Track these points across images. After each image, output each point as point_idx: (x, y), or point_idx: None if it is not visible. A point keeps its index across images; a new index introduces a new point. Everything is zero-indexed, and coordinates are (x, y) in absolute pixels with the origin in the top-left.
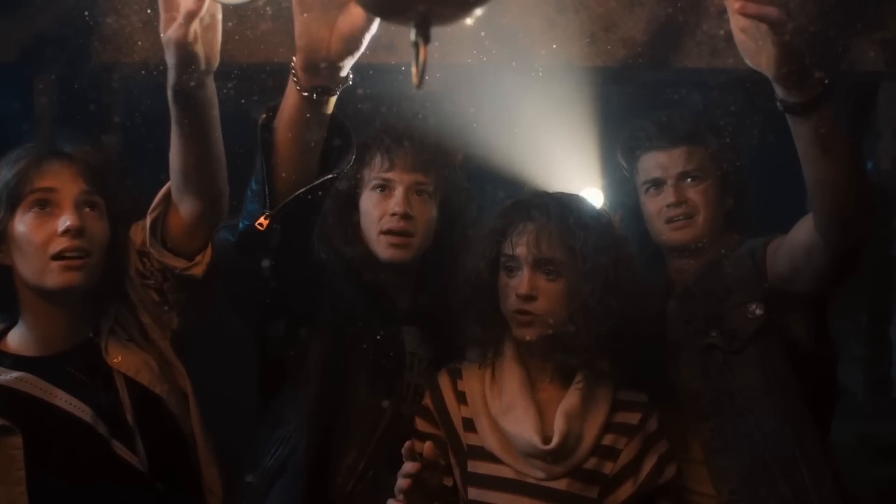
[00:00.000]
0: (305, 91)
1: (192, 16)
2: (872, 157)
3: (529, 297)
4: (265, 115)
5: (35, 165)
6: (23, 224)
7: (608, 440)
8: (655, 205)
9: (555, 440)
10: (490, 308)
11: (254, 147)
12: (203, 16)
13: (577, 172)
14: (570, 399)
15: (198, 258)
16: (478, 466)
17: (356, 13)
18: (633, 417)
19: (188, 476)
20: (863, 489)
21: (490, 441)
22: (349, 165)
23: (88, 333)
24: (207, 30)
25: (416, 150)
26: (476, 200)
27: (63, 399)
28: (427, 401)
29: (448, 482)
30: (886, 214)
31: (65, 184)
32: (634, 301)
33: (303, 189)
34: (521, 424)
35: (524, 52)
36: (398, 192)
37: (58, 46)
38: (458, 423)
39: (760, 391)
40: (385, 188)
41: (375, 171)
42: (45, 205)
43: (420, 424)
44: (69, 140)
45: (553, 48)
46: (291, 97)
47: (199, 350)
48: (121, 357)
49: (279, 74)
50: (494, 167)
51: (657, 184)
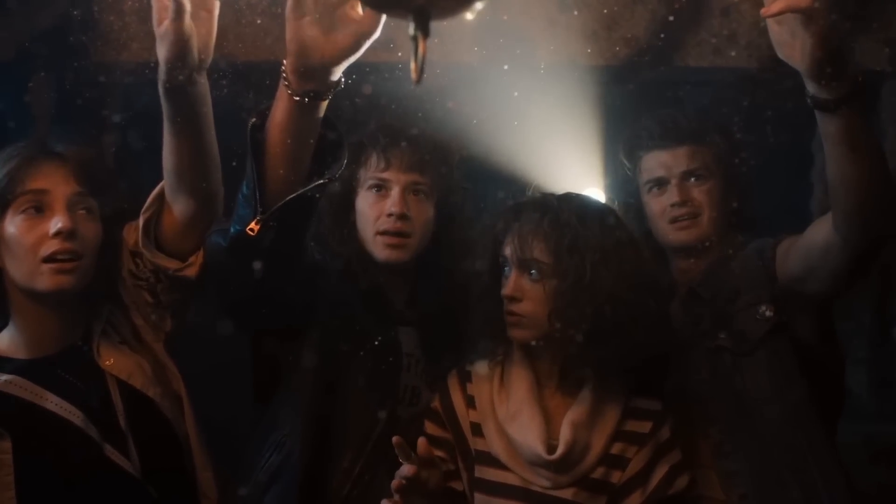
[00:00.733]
0: (297, 95)
1: (184, 9)
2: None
3: (513, 299)
4: (255, 119)
5: (26, 166)
6: (13, 226)
7: (617, 449)
8: (659, 204)
9: (559, 450)
10: (495, 309)
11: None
12: (197, 10)
13: (579, 172)
14: (579, 408)
15: (191, 259)
16: (484, 472)
17: (361, 20)
18: (644, 426)
19: (182, 480)
20: (866, 491)
21: (497, 447)
22: (341, 169)
23: (79, 336)
24: (202, 24)
25: (413, 150)
26: (474, 200)
27: (54, 402)
28: (436, 403)
29: (458, 486)
30: None
31: (57, 185)
32: (629, 304)
33: (294, 194)
34: (526, 432)
35: (525, 51)
36: (394, 193)
37: (54, 45)
38: (467, 428)
39: (770, 394)
40: (381, 188)
41: (371, 171)
42: (37, 206)
43: (429, 427)
44: (64, 139)
45: (554, 47)
46: (282, 101)
47: (193, 352)
48: (113, 359)
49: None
50: (495, 167)
51: (660, 183)
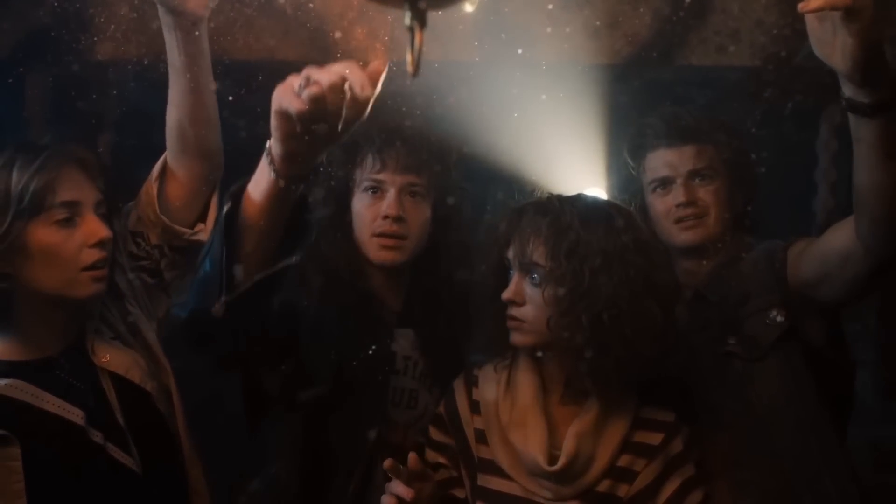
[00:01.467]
0: (282, 179)
1: None
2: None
3: (513, 302)
4: (229, 204)
5: (59, 176)
6: (46, 236)
7: (624, 461)
8: (664, 205)
9: (560, 462)
10: (500, 312)
11: (245, 147)
12: None
13: (580, 171)
14: (584, 417)
15: (199, 225)
16: (487, 481)
17: (352, 106)
18: (655, 438)
19: (176, 476)
20: (872, 495)
21: (500, 455)
22: (308, 244)
23: (74, 336)
24: None
25: (409, 151)
26: (474, 200)
27: (54, 404)
28: (441, 409)
29: (460, 494)
30: None
31: (85, 194)
32: (632, 313)
33: (262, 274)
34: (529, 441)
35: (526, 49)
36: (390, 194)
37: (50, 43)
38: (471, 435)
39: (782, 401)
40: (377, 190)
41: (367, 172)
42: (69, 217)
43: (433, 433)
44: (64, 138)
45: (556, 45)
46: (264, 183)
47: (182, 351)
48: (109, 356)
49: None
50: (495, 166)
51: (665, 183)
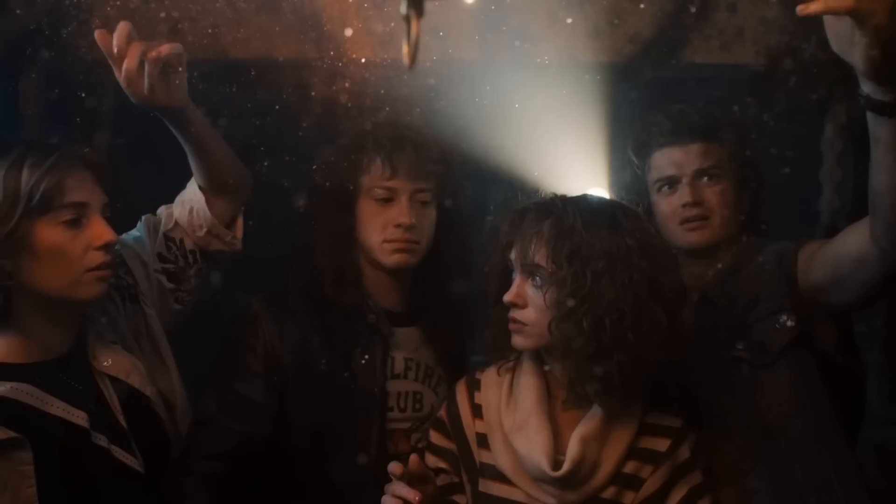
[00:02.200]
0: None
1: (131, 74)
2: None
3: (515, 305)
4: None
5: (69, 177)
6: (53, 236)
7: (630, 468)
8: (669, 205)
9: (565, 467)
10: (503, 314)
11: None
12: (157, 66)
13: (582, 171)
14: (590, 422)
15: (231, 236)
16: (489, 486)
17: None
18: (662, 444)
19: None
20: (878, 499)
21: (502, 460)
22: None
23: (74, 339)
24: (164, 78)
25: (419, 157)
26: (476, 199)
27: (59, 407)
28: (442, 412)
29: (461, 500)
30: None
31: (92, 196)
32: (634, 317)
33: None
34: (532, 445)
35: (527, 48)
36: (402, 202)
37: (45, 42)
38: (472, 439)
39: (792, 409)
40: (388, 198)
41: (377, 180)
42: (76, 218)
43: (434, 437)
44: (72, 138)
45: (557, 43)
46: None
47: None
48: (110, 360)
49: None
50: (497, 166)
51: (671, 182)
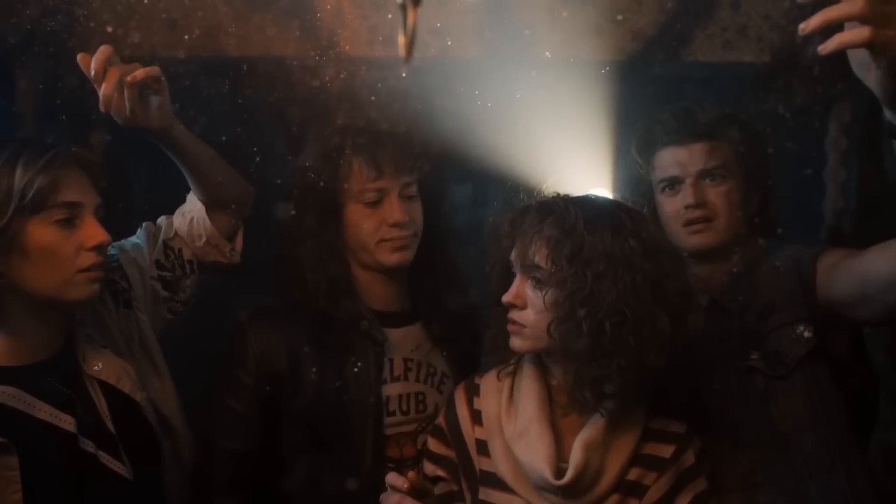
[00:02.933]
0: None
1: (108, 98)
2: (890, 159)
3: (513, 306)
4: None
5: (63, 176)
6: (45, 235)
7: (634, 475)
8: (672, 206)
9: (568, 475)
10: (503, 315)
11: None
12: (135, 90)
13: (585, 170)
14: (592, 427)
15: (230, 248)
16: (489, 495)
17: None
18: (666, 450)
19: (160, 487)
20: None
21: (502, 468)
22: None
23: (62, 342)
24: (144, 100)
25: (402, 151)
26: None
27: (46, 411)
28: (441, 419)
29: None
30: None
31: (86, 196)
32: (635, 320)
33: None
34: (534, 453)
35: (528, 46)
36: (392, 200)
37: (41, 40)
38: (472, 446)
39: (807, 422)
40: (377, 201)
41: (363, 183)
42: (69, 218)
43: (433, 444)
44: (67, 137)
45: (558, 41)
46: None
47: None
48: (101, 364)
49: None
50: (498, 165)
51: (674, 182)
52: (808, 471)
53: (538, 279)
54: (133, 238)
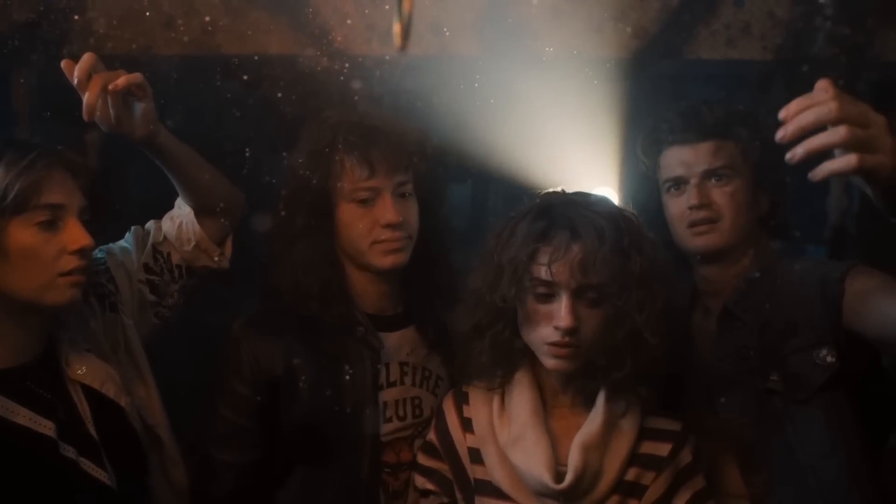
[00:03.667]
0: None
1: (91, 105)
2: None
3: (573, 330)
4: None
5: (47, 178)
6: (25, 237)
7: (632, 475)
8: (677, 206)
9: (568, 478)
10: (509, 334)
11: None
12: (118, 97)
13: (588, 170)
14: (590, 427)
15: (219, 253)
16: (486, 503)
17: None
18: (663, 448)
19: (148, 495)
20: None
21: (498, 475)
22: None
23: (44, 345)
24: (128, 108)
25: (395, 148)
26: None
27: (25, 416)
28: (431, 433)
29: None
30: None
31: (71, 199)
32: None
33: None
34: (531, 458)
35: (529, 43)
36: (386, 200)
37: (37, 39)
38: (464, 455)
39: (826, 448)
40: (370, 200)
41: (356, 182)
42: (51, 220)
43: (422, 458)
44: (54, 138)
45: (559, 38)
46: None
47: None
48: (84, 368)
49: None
50: (497, 164)
51: (679, 183)
52: (824, 497)
53: (594, 298)
54: (121, 242)
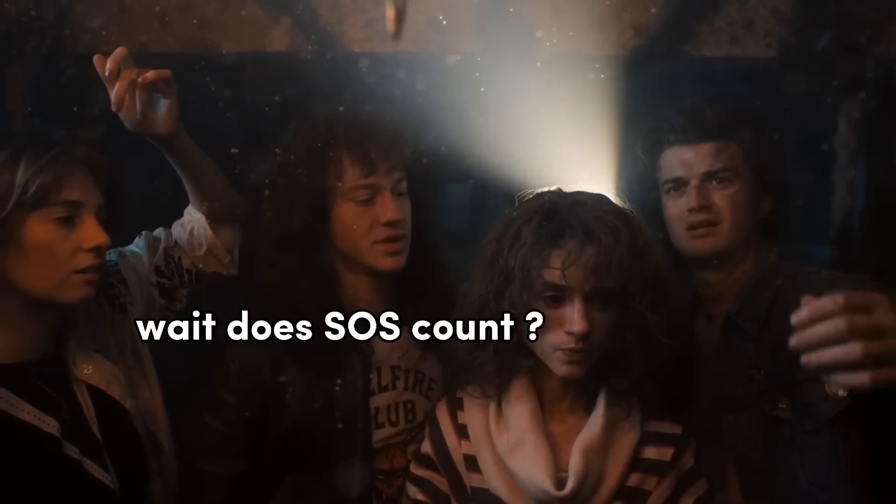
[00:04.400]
0: None
1: (120, 97)
2: None
3: (587, 335)
4: None
5: (67, 175)
6: (43, 232)
7: (634, 480)
8: (676, 208)
9: (569, 485)
10: (515, 342)
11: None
12: (146, 91)
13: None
14: (590, 431)
15: (229, 259)
16: None
17: None
18: (665, 453)
19: (150, 499)
20: None
21: (496, 483)
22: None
23: (52, 343)
24: (154, 105)
25: (393, 145)
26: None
27: (29, 413)
28: (426, 443)
29: None
30: None
31: (88, 196)
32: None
33: None
34: (531, 465)
35: (528, 40)
36: (386, 198)
37: (30, 36)
38: (460, 462)
39: (833, 480)
40: (370, 198)
41: (355, 181)
42: (68, 217)
43: (413, 466)
44: (85, 142)
45: (559, 35)
46: None
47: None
48: (91, 368)
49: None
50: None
51: (679, 184)
52: None
53: (606, 300)
54: (131, 246)
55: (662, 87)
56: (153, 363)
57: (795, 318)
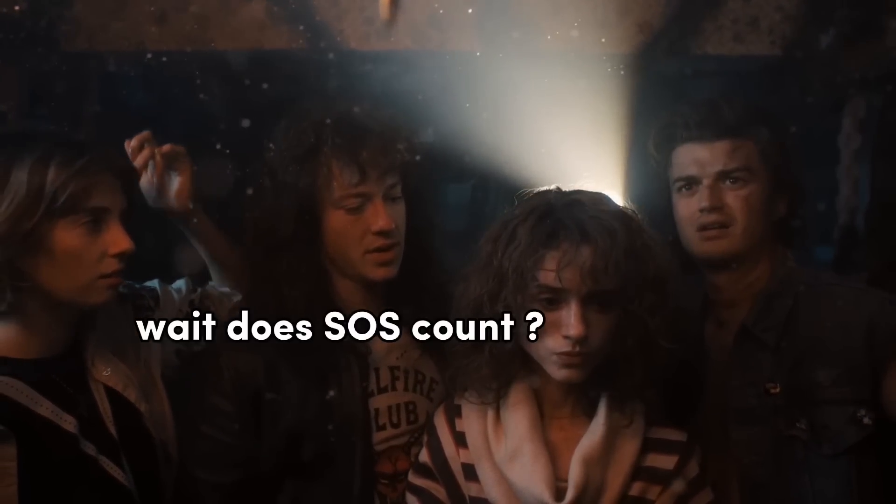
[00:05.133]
0: None
1: (140, 173)
2: None
3: (584, 339)
4: None
5: (97, 182)
6: (71, 239)
7: (637, 489)
8: (687, 208)
9: (569, 495)
10: (511, 345)
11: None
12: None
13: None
14: (591, 439)
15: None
16: None
17: None
18: (669, 461)
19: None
20: None
21: (494, 493)
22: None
23: (70, 342)
24: (168, 177)
25: (386, 149)
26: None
27: (48, 409)
28: (424, 451)
29: None
30: None
31: (115, 202)
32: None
33: None
34: (530, 475)
35: (530, 39)
36: (377, 205)
37: (26, 34)
38: (458, 471)
39: None
40: (361, 206)
41: (345, 188)
42: (95, 221)
43: (411, 475)
44: (113, 147)
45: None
46: None
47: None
48: (109, 370)
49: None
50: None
51: (691, 183)
52: None
53: (604, 302)
54: (173, 284)
55: (667, 86)
56: (159, 372)
57: None
